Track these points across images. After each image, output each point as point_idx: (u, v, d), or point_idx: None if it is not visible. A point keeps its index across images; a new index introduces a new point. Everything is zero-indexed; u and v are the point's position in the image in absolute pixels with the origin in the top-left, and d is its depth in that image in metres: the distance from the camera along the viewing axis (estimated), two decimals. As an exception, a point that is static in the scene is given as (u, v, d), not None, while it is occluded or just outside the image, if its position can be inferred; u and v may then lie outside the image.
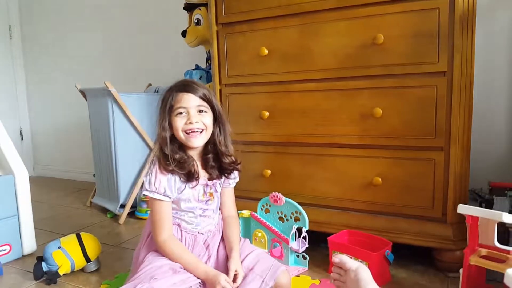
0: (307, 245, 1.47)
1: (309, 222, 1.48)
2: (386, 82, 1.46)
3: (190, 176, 1.11)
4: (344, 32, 1.51)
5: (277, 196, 1.52)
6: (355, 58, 1.50)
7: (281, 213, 1.54)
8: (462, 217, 1.25)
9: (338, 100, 1.55)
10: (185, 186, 1.12)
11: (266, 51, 1.66)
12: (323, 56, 1.56)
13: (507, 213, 1.03)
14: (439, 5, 1.35)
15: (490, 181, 1.61)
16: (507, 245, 1.23)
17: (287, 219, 1.52)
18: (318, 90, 1.59)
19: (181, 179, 1.11)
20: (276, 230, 1.53)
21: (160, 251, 1.10)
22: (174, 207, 1.15)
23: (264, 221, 1.56)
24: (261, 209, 1.59)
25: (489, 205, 1.43)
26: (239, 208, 1.38)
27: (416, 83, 1.41)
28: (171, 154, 1.09)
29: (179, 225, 1.16)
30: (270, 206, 1.57)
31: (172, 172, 1.10)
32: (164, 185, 1.09)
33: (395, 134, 1.47)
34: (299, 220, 1.48)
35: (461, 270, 1.18)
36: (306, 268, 1.49)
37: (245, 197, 1.75)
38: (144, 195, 1.12)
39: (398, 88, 1.44)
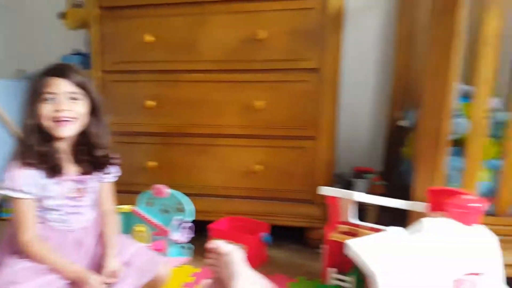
0: (191, 236, 1.50)
1: (197, 212, 1.50)
2: (269, 77, 1.56)
3: (53, 171, 1.02)
4: (230, 25, 1.56)
5: (159, 189, 1.52)
6: (241, 52, 1.56)
7: (166, 205, 1.53)
8: (328, 198, 1.41)
9: (225, 92, 1.60)
10: (50, 182, 1.02)
11: (151, 38, 1.63)
12: (211, 47, 1.59)
13: (358, 193, 1.19)
14: (314, 5, 1.47)
15: (354, 167, 1.82)
16: (365, 220, 1.42)
17: (171, 211, 1.52)
18: (206, 81, 1.62)
19: (46, 174, 1.01)
20: (157, 223, 1.52)
21: (24, 253, 1.01)
22: (40, 204, 1.05)
23: (145, 215, 1.54)
24: (145, 203, 1.57)
25: (351, 186, 1.62)
26: (122, 202, 1.35)
27: (294, 78, 1.53)
28: (34, 145, 0.99)
29: (44, 223, 1.06)
30: (153, 199, 1.55)
31: (34, 166, 1.00)
32: (25, 181, 0.99)
33: (275, 125, 1.58)
34: (183, 211, 1.50)
35: (323, 245, 1.33)
36: (189, 258, 1.52)
37: (127, 191, 1.69)
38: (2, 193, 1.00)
39: (279, 83, 1.55)
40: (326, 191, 1.27)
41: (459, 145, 1.38)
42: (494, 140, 1.37)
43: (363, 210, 1.59)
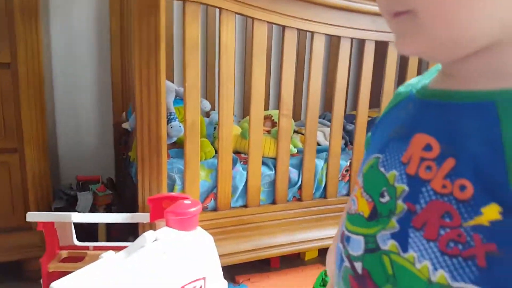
0: None
1: None
2: None
3: None
4: None
5: None
6: None
7: None
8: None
9: None
10: None
11: None
12: None
13: (75, 213, 1.05)
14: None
15: (77, 176, 1.65)
16: (97, 239, 1.29)
17: None
18: None
19: None
20: None
21: None
22: None
23: None
24: None
25: (75, 201, 1.45)
26: None
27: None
28: None
29: None
30: None
31: None
32: None
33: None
34: None
35: (41, 280, 1.13)
36: None
37: None
38: None
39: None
40: (35, 216, 1.07)
41: (181, 147, 1.42)
42: (209, 137, 1.48)
43: (92, 227, 1.46)
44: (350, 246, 0.38)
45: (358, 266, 0.37)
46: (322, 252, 1.66)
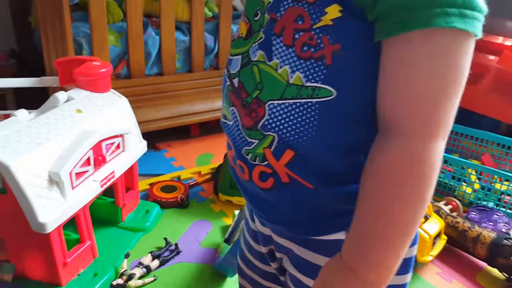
0: None
1: None
2: None
3: None
4: None
5: None
6: None
7: None
8: None
9: None
10: None
11: None
12: None
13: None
14: None
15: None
16: (5, 108, 1.22)
17: None
18: None
19: None
20: None
21: None
22: None
23: None
24: None
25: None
26: None
27: None
28: None
29: None
30: None
31: None
32: None
33: None
34: None
35: None
36: None
37: None
38: None
39: None
40: None
41: (84, 9, 1.32)
42: (117, 1, 1.38)
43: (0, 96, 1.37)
44: (231, 67, 0.42)
45: (236, 81, 0.41)
46: (239, 118, 1.75)
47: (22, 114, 0.81)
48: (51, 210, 0.74)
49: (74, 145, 0.80)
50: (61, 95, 0.89)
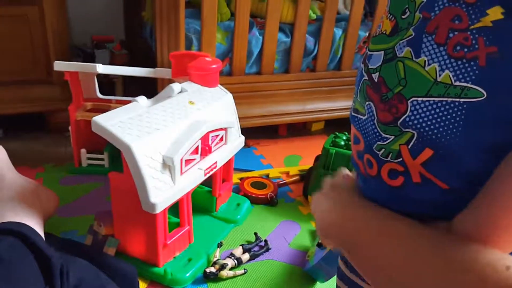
0: None
1: None
2: None
3: None
4: None
5: None
6: None
7: None
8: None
9: None
10: None
11: None
12: None
13: (100, 64, 1.08)
14: None
15: (92, 35, 1.63)
16: (114, 94, 1.32)
17: None
18: None
19: None
20: None
21: None
22: None
23: None
24: None
25: (92, 59, 1.46)
26: None
27: None
28: None
29: None
30: None
31: None
32: None
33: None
34: None
35: (70, 127, 1.20)
36: None
37: None
38: None
39: None
40: (63, 66, 1.09)
41: (195, 7, 1.39)
42: (226, 1, 1.43)
43: (110, 84, 1.50)
44: (370, 62, 0.42)
45: (375, 76, 0.41)
46: (328, 124, 1.74)
47: (142, 100, 0.87)
48: (161, 192, 0.79)
49: (187, 134, 0.84)
50: (176, 86, 0.94)
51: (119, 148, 0.76)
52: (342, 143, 1.15)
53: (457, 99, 0.34)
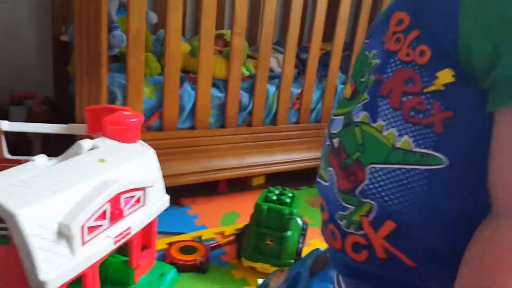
0: None
1: None
2: None
3: None
4: None
5: None
6: None
7: None
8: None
9: None
10: None
11: None
12: None
13: (6, 121, 0.97)
14: None
15: (13, 93, 1.52)
16: (30, 155, 1.20)
17: None
18: None
19: None
20: None
21: None
22: None
23: None
24: None
25: (6, 116, 1.34)
26: None
27: None
28: None
29: None
30: None
31: None
32: None
33: None
34: None
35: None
36: None
37: None
38: None
39: None
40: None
41: (123, 61, 1.33)
42: (156, 55, 1.39)
43: (27, 143, 1.37)
44: (332, 127, 0.42)
45: (336, 141, 0.40)
46: (270, 179, 1.68)
47: (40, 159, 0.77)
48: (55, 266, 0.67)
49: (91, 196, 0.74)
50: (85, 143, 0.85)
51: (1, 216, 0.65)
52: (275, 197, 1.08)
53: (417, 167, 0.32)
